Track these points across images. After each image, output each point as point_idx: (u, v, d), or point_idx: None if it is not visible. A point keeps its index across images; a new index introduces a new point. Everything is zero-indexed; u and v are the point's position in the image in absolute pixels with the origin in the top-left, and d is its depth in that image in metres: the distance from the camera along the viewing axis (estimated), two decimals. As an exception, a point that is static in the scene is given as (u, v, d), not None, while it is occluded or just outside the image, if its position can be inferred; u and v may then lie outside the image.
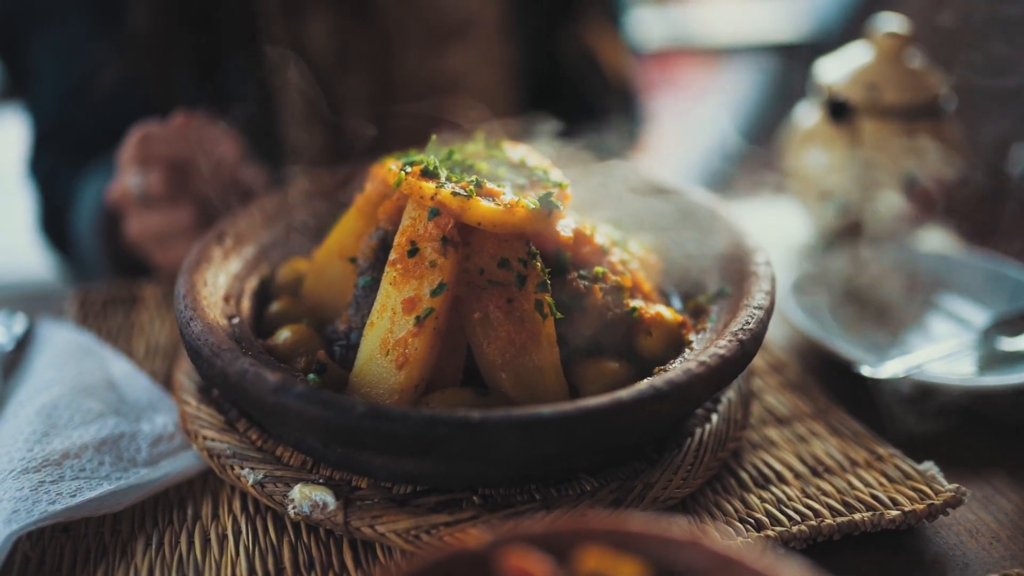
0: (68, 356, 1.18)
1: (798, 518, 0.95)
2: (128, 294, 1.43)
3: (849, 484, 1.01)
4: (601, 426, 0.83)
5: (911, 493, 0.98)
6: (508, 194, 0.98)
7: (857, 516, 0.95)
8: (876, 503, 0.97)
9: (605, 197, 1.27)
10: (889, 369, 1.15)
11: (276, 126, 1.70)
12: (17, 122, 1.93)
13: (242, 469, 0.96)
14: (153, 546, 0.94)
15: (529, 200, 0.96)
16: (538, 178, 1.06)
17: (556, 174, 1.08)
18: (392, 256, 0.96)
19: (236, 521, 0.97)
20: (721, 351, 0.92)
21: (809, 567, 0.61)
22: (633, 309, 1.03)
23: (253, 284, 1.16)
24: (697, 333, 1.04)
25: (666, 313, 1.04)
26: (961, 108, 1.52)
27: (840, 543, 0.95)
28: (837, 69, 1.58)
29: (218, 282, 1.10)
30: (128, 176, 1.38)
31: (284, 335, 1.02)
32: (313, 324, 1.07)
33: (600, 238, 1.08)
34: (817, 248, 1.62)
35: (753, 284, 1.04)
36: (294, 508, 0.92)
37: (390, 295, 0.95)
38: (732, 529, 0.94)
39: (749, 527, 0.94)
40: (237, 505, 0.99)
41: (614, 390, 0.87)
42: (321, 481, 0.93)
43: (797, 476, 1.03)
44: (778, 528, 0.94)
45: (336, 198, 1.30)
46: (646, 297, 1.08)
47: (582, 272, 1.03)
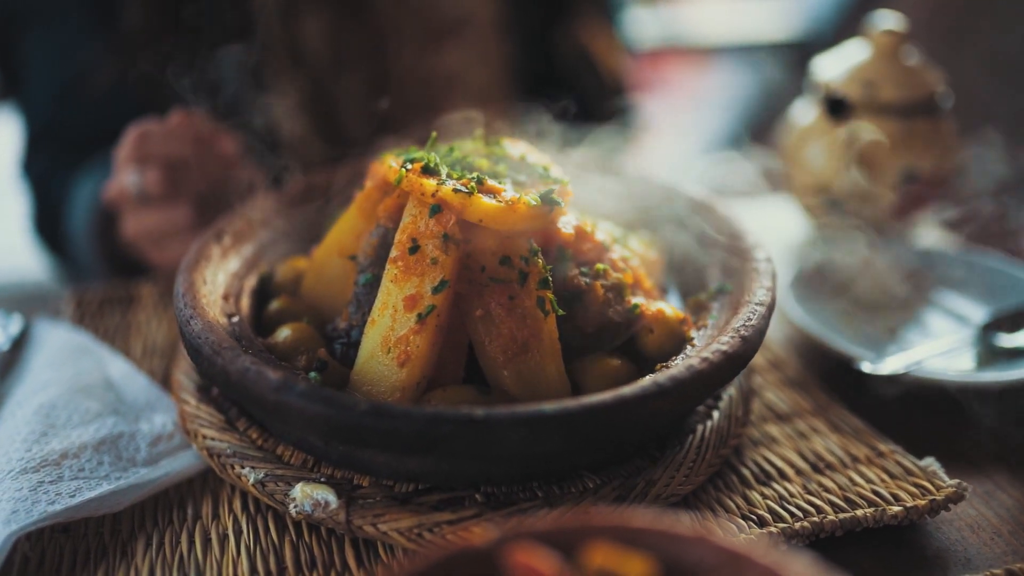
0: (65, 356, 1.17)
1: (800, 514, 0.95)
2: (125, 294, 1.42)
3: (850, 480, 1.01)
4: (605, 423, 0.83)
5: (912, 489, 0.98)
6: (509, 191, 0.97)
7: (859, 512, 0.95)
8: (878, 499, 0.97)
9: (604, 194, 1.27)
10: (889, 365, 1.15)
11: (272, 124, 1.69)
12: (10, 122, 1.92)
13: (243, 468, 0.95)
14: (153, 546, 0.93)
15: (530, 197, 0.96)
16: (539, 175, 1.05)
17: (556, 171, 1.08)
18: (393, 253, 0.96)
19: (237, 520, 0.96)
20: (724, 347, 0.92)
21: (816, 563, 0.60)
22: (635, 306, 1.03)
23: (252, 282, 1.16)
24: (698, 330, 1.04)
25: (667, 310, 1.04)
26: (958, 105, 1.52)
27: (842, 539, 0.95)
28: (834, 66, 1.58)
29: (217, 280, 1.09)
30: (125, 175, 1.37)
31: (284, 333, 1.02)
32: (313, 322, 1.06)
33: (601, 235, 1.08)
34: (814, 245, 1.62)
35: (754, 280, 1.04)
36: (295, 507, 0.91)
37: (391, 292, 0.94)
38: (735, 526, 0.93)
39: (752, 523, 0.94)
40: (237, 504, 0.98)
41: (616, 387, 0.87)
42: (323, 480, 0.93)
43: (799, 472, 1.02)
44: (781, 524, 0.94)
45: (334, 196, 1.30)
46: (647, 294, 1.08)
47: (583, 269, 1.03)
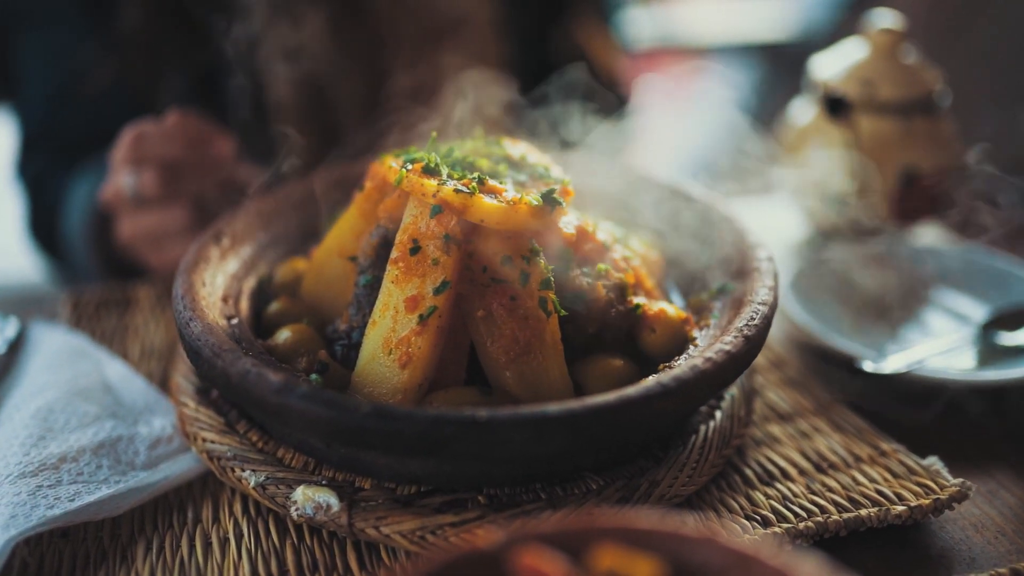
0: (62, 359, 1.16)
1: (804, 514, 0.95)
2: (122, 296, 1.41)
3: (854, 480, 1.00)
4: (609, 424, 0.83)
5: (916, 488, 0.98)
6: (510, 191, 0.97)
7: (863, 512, 0.94)
8: (881, 498, 0.97)
9: (604, 194, 1.26)
10: (890, 364, 1.15)
11: (269, 125, 1.68)
12: (6, 124, 1.91)
13: (243, 471, 0.95)
14: (154, 550, 0.92)
15: (532, 197, 0.95)
16: (539, 175, 1.05)
17: (557, 170, 1.08)
18: (394, 254, 0.95)
19: (237, 524, 0.96)
20: (727, 347, 0.91)
21: (826, 563, 0.60)
22: (636, 306, 1.03)
23: (251, 284, 1.15)
24: (700, 330, 1.04)
25: (669, 310, 1.04)
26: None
27: (846, 539, 0.94)
28: (832, 65, 1.58)
29: (216, 282, 1.08)
30: (122, 176, 1.36)
31: (284, 335, 1.01)
32: (313, 324, 1.05)
33: (602, 235, 1.07)
34: (814, 244, 1.61)
35: (756, 280, 1.04)
36: (297, 510, 0.90)
37: (392, 294, 0.94)
38: (739, 526, 0.93)
39: (756, 524, 0.94)
40: (238, 508, 0.98)
41: (618, 387, 0.86)
42: (324, 482, 0.92)
43: (802, 472, 1.02)
44: (785, 525, 0.93)
45: (332, 197, 1.29)
46: (648, 294, 1.08)
47: (585, 269, 1.02)
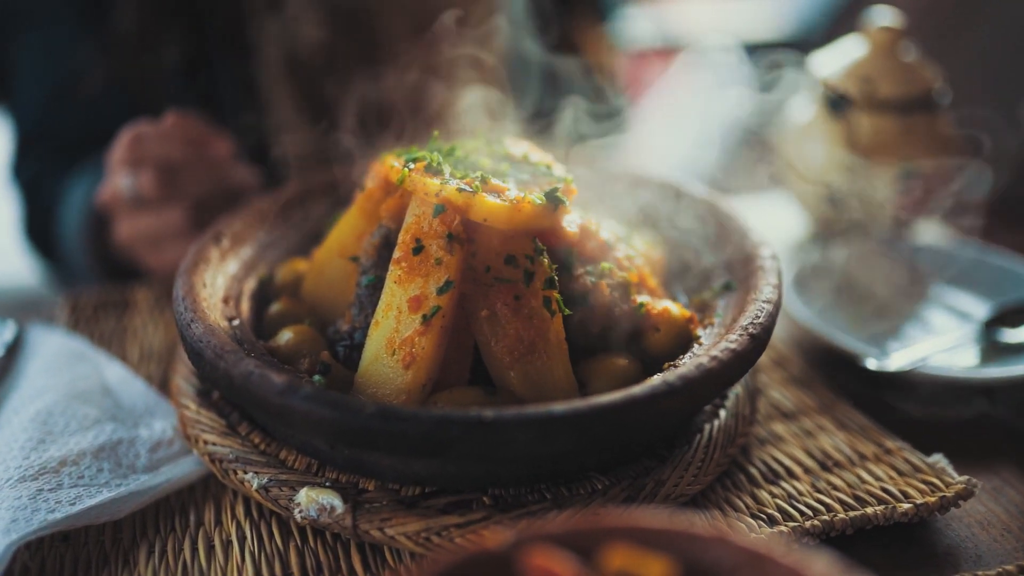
0: (61, 362, 1.15)
1: (811, 513, 0.94)
2: (120, 298, 1.40)
3: (859, 478, 1.00)
4: (615, 423, 0.82)
5: (921, 486, 0.98)
6: (513, 190, 0.96)
7: (869, 510, 0.94)
8: (887, 496, 0.96)
9: (606, 193, 1.26)
10: (894, 362, 1.14)
11: (266, 125, 1.68)
12: (1, 126, 1.89)
13: (245, 473, 0.94)
14: (156, 553, 0.92)
15: (535, 196, 0.95)
16: (542, 173, 1.04)
17: (559, 169, 1.07)
18: (397, 254, 0.94)
19: (240, 526, 0.95)
20: (732, 345, 0.91)
21: (837, 561, 0.60)
22: (640, 305, 1.02)
23: (251, 285, 1.14)
24: (704, 328, 1.03)
25: (673, 309, 1.03)
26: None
27: (853, 537, 0.94)
28: (832, 63, 1.57)
29: (216, 283, 1.08)
30: (119, 178, 1.35)
31: (286, 336, 1.00)
32: (314, 324, 1.05)
33: (605, 234, 1.07)
34: (815, 242, 1.61)
35: (760, 278, 1.04)
36: (300, 512, 0.90)
37: (395, 294, 0.93)
38: (745, 525, 0.93)
39: (762, 523, 0.93)
40: (240, 510, 0.97)
41: (623, 387, 0.86)
42: (328, 484, 0.92)
43: (807, 471, 1.02)
44: (791, 523, 0.93)
45: (330, 197, 1.29)
46: (652, 293, 1.07)
47: (588, 268, 1.02)
